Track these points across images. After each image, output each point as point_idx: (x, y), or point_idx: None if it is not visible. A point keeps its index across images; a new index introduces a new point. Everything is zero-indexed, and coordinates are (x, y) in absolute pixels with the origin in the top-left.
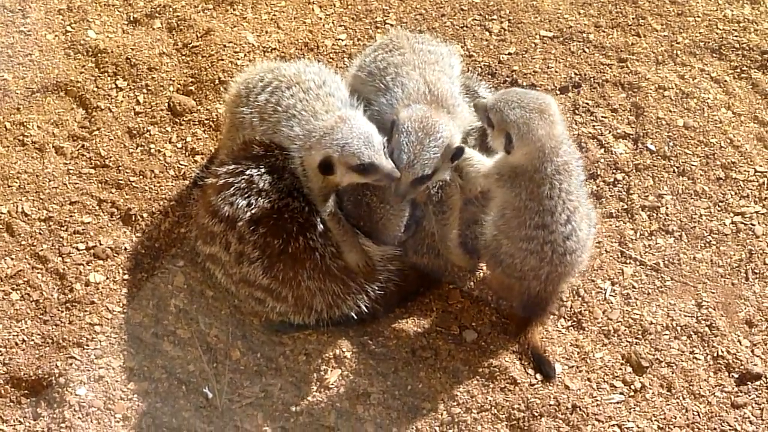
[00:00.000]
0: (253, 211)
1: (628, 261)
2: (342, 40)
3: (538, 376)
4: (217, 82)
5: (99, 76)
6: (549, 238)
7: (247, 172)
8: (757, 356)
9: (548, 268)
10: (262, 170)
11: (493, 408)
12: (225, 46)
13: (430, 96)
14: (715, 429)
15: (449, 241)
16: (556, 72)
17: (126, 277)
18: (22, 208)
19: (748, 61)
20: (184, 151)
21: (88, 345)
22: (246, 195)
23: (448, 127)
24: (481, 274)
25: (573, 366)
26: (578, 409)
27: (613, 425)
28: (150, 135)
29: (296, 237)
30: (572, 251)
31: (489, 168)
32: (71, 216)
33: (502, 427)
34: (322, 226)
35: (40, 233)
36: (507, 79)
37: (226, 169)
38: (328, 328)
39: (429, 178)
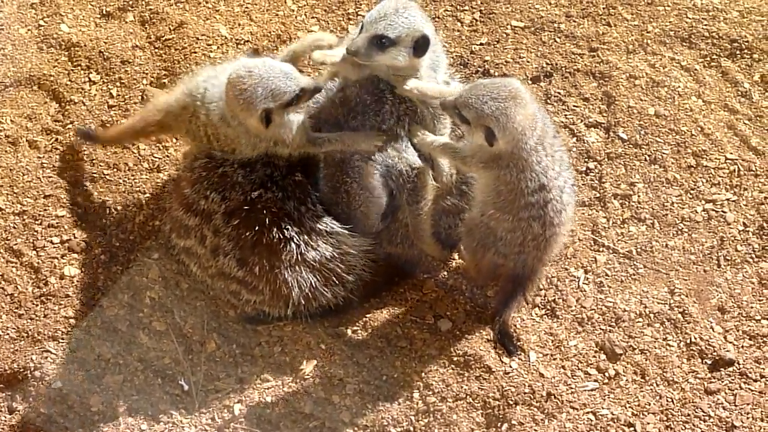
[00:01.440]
0: (227, 204)
1: (601, 249)
2: (314, 32)
3: (513, 364)
4: (190, 74)
5: (72, 70)
6: (548, 197)
7: (220, 169)
8: (730, 342)
9: (549, 231)
10: (235, 165)
11: (468, 396)
12: (198, 38)
13: None
14: (688, 415)
15: (423, 231)
16: (528, 62)
17: (101, 270)
18: None
19: (718, 50)
20: (157, 144)
21: (63, 338)
22: (220, 189)
23: (428, 23)
24: (454, 264)
25: (547, 354)
26: (553, 396)
27: (588, 412)
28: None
29: (270, 228)
30: (568, 203)
31: (466, 156)
32: (45, 210)
33: (477, 415)
34: (297, 214)
35: (14, 227)
36: (479, 69)
37: (200, 163)
38: (304, 319)
39: (387, 45)
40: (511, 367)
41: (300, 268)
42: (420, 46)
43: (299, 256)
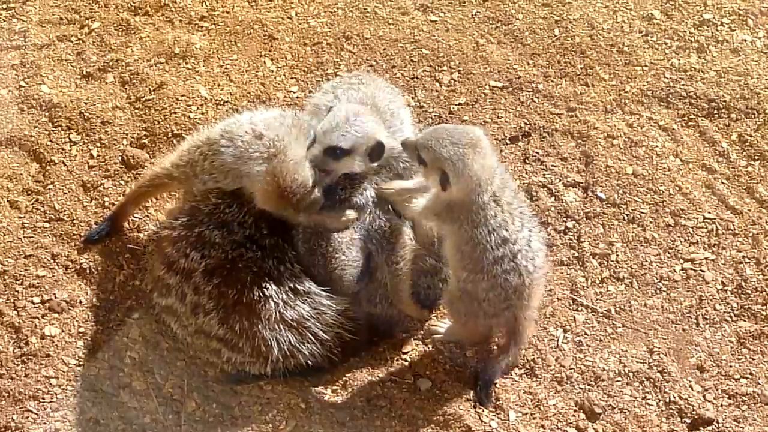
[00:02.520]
0: (207, 262)
1: (579, 308)
2: (294, 92)
3: (492, 423)
4: (170, 135)
5: (53, 131)
6: (515, 248)
7: (196, 229)
8: (709, 401)
9: (528, 279)
10: (212, 226)
11: None
12: (178, 99)
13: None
14: None
15: (401, 291)
16: (506, 122)
17: (81, 329)
18: None
19: (696, 110)
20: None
21: (44, 398)
22: (200, 248)
23: (379, 126)
24: (438, 330)
25: (527, 413)
26: None
27: None
28: (104, 188)
29: (251, 287)
30: (539, 250)
31: (424, 208)
32: (26, 270)
33: None
34: (276, 273)
35: None
36: None
37: (181, 221)
38: (284, 378)
39: (341, 155)
40: (490, 426)
41: (279, 326)
42: (375, 152)
43: (278, 314)
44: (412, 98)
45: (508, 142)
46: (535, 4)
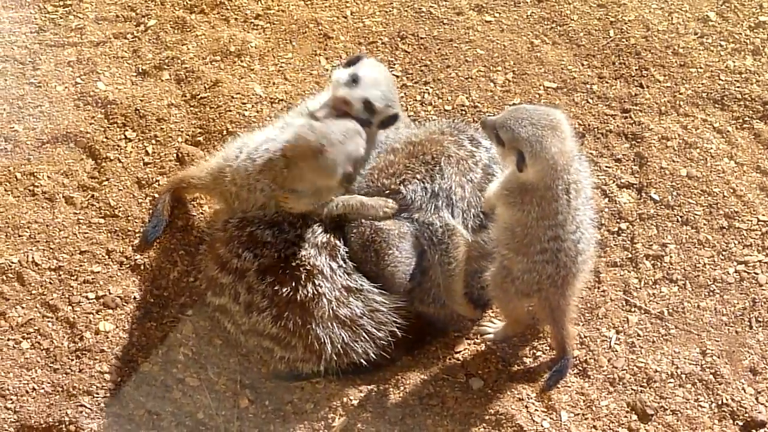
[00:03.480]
0: (260, 261)
1: (632, 309)
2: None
3: (544, 423)
4: (225, 132)
5: (108, 127)
6: (562, 246)
7: (248, 229)
8: (762, 404)
9: (564, 272)
10: (263, 226)
11: None
12: (233, 97)
13: None
14: None
15: (455, 291)
16: None
17: (135, 325)
18: (33, 257)
19: (750, 112)
20: (191, 202)
21: (97, 393)
22: (252, 248)
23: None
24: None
25: (579, 414)
26: None
27: None
28: (159, 185)
29: (305, 284)
30: (583, 251)
31: (497, 188)
32: (81, 265)
33: None
34: (329, 270)
35: (50, 282)
36: None
37: (233, 222)
38: (336, 376)
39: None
40: (542, 426)
41: (332, 324)
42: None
43: (331, 311)
44: (467, 98)
45: None
46: (590, 5)
